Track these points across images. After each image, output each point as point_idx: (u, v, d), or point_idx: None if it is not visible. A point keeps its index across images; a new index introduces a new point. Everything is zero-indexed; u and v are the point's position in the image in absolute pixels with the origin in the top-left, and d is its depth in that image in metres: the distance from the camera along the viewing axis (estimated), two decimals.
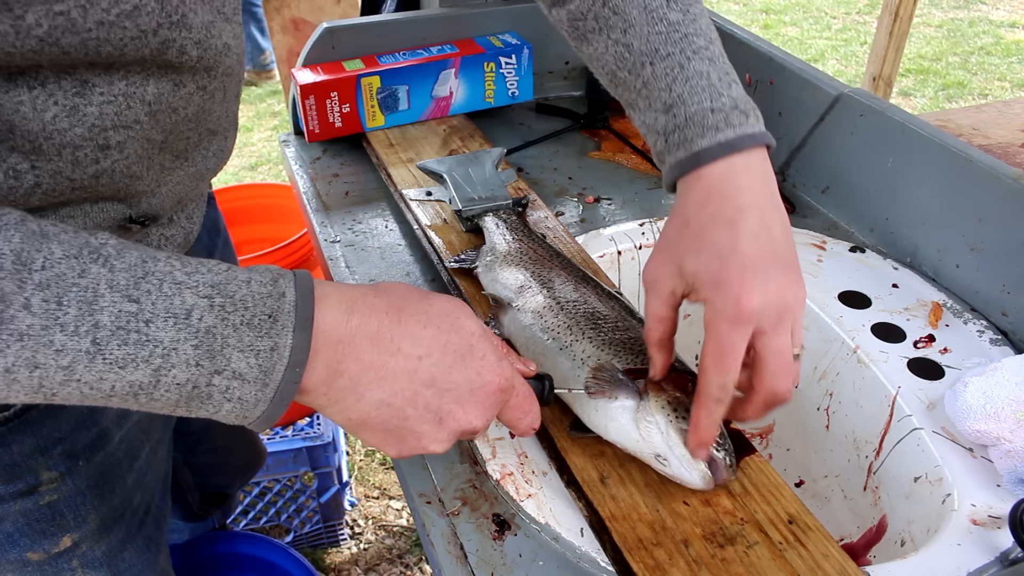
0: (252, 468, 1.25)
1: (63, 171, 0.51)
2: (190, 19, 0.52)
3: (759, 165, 0.56)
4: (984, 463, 0.64)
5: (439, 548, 0.58)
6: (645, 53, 0.59)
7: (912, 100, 3.56)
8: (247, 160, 3.13)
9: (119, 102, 0.51)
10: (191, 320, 0.42)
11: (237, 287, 0.44)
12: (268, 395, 0.44)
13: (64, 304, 0.39)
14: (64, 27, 0.44)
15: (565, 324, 0.66)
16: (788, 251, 0.55)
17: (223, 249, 0.93)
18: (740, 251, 0.53)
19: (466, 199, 0.87)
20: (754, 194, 0.55)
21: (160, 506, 0.81)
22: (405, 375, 0.48)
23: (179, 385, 0.42)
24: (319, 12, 2.25)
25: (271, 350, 0.44)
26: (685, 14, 0.59)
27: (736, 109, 0.57)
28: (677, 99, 0.58)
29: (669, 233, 0.58)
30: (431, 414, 0.50)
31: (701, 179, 0.56)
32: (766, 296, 0.53)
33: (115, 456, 0.71)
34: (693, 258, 0.55)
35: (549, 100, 1.23)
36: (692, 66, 0.58)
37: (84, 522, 0.69)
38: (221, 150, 0.67)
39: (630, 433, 0.58)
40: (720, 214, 0.55)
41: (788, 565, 0.54)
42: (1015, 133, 1.28)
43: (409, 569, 1.59)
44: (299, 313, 0.45)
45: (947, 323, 0.77)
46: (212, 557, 1.32)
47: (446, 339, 0.50)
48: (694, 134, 0.57)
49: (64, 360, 0.40)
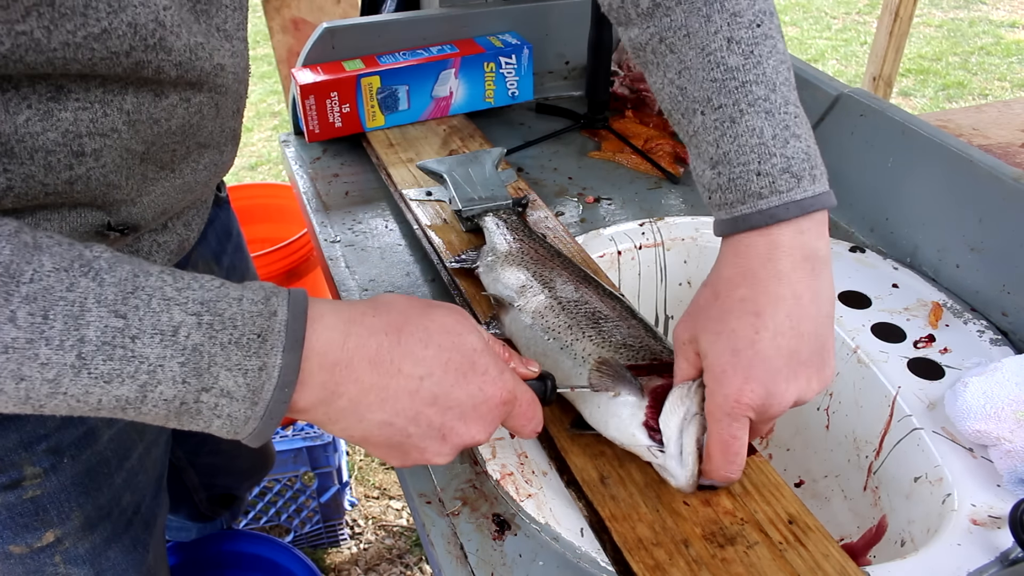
0: (260, 471, 1.25)
1: (35, 175, 0.50)
2: (170, 42, 0.51)
3: (808, 240, 0.53)
4: (984, 463, 0.64)
5: (439, 548, 0.58)
6: (697, 100, 0.56)
7: (912, 100, 3.56)
8: (247, 160, 3.13)
9: (95, 109, 0.50)
10: (178, 337, 0.42)
11: (227, 305, 0.44)
12: (258, 413, 0.44)
13: (50, 318, 0.40)
14: (27, 46, 0.44)
15: (566, 324, 0.66)
16: (814, 346, 0.53)
17: (233, 254, 0.92)
18: (755, 350, 0.52)
19: (466, 199, 0.87)
20: (792, 281, 0.53)
21: (151, 506, 0.80)
22: (407, 395, 0.48)
23: (166, 401, 0.42)
24: (319, 12, 2.25)
25: (259, 370, 0.44)
26: (747, 57, 0.54)
27: (787, 172, 0.53)
28: (723, 157, 0.55)
29: (699, 298, 0.57)
30: (434, 431, 0.50)
31: (741, 251, 0.54)
32: (767, 397, 0.53)
33: (103, 455, 0.71)
34: (710, 338, 0.54)
35: (549, 100, 1.23)
36: (744, 121, 0.54)
37: (68, 518, 0.69)
38: (215, 164, 0.66)
39: (629, 427, 0.58)
40: (749, 302, 0.53)
41: (788, 565, 0.54)
42: (1015, 133, 1.28)
43: (409, 569, 1.59)
44: (290, 333, 0.44)
45: (947, 323, 0.77)
46: (216, 556, 1.33)
47: (447, 357, 0.49)
48: (735, 198, 0.54)
49: (49, 373, 0.40)
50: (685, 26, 0.56)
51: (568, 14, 1.21)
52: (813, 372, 0.54)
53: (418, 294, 0.83)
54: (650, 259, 0.92)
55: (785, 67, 0.56)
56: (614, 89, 1.21)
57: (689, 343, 0.57)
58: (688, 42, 0.56)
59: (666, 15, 0.57)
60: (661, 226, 0.92)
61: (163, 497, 0.85)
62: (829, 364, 0.55)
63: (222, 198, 0.90)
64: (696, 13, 0.55)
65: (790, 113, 0.54)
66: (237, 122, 0.66)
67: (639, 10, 0.58)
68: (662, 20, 0.57)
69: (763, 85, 0.54)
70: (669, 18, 0.56)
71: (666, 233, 0.92)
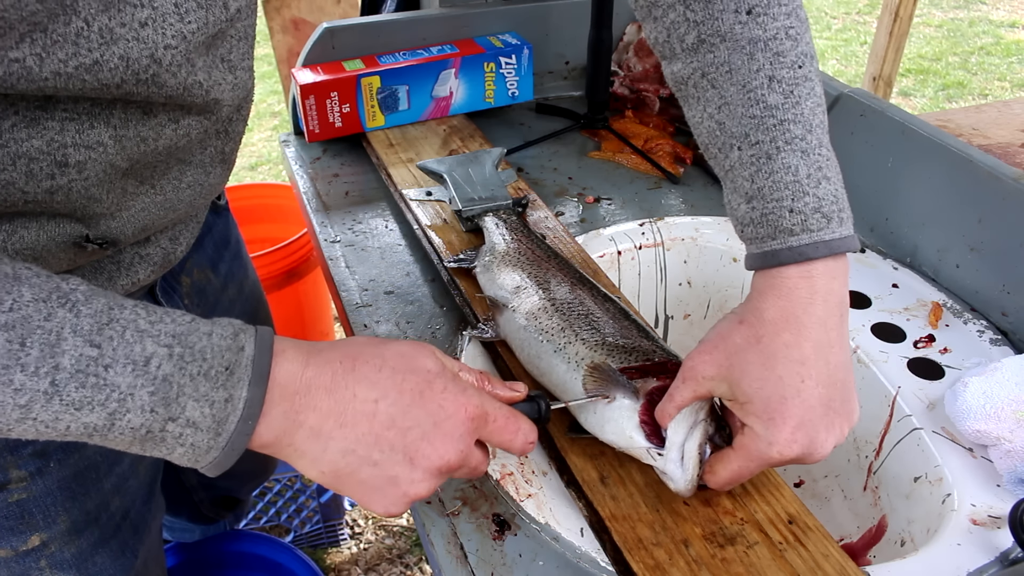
0: (261, 475, 1.25)
1: (16, 182, 0.50)
2: (163, 79, 0.50)
3: (838, 288, 0.54)
4: (984, 463, 0.64)
5: (439, 548, 0.58)
6: (735, 136, 0.56)
7: (912, 100, 3.56)
8: (247, 160, 3.13)
9: (82, 120, 0.50)
10: (149, 368, 0.43)
11: (198, 338, 0.45)
12: (220, 444, 0.46)
13: (27, 345, 0.41)
14: (19, 74, 0.44)
15: (559, 326, 0.66)
16: (844, 395, 0.54)
17: (231, 262, 0.91)
18: (802, 399, 0.53)
19: (466, 199, 0.87)
20: (827, 328, 0.53)
21: (141, 512, 0.80)
22: (364, 419, 0.49)
23: (133, 429, 0.44)
24: (319, 12, 2.25)
25: (225, 401, 0.45)
26: (787, 96, 0.55)
27: (818, 212, 0.54)
28: (757, 192, 0.55)
29: (735, 339, 0.55)
30: (399, 455, 0.50)
31: (783, 293, 0.54)
32: (802, 449, 0.53)
33: (92, 459, 0.70)
34: (755, 384, 0.54)
35: (549, 100, 1.23)
36: (780, 158, 0.54)
37: (54, 523, 0.69)
38: (200, 184, 0.65)
39: (626, 431, 0.58)
40: (795, 348, 0.53)
41: (788, 565, 0.54)
42: (1015, 133, 1.28)
43: (409, 569, 1.59)
44: (256, 368, 0.46)
45: (947, 323, 0.77)
46: (218, 556, 1.33)
47: (401, 378, 0.50)
48: (767, 233, 0.55)
49: (22, 399, 0.41)
50: (728, 62, 0.56)
51: (568, 14, 1.21)
52: (844, 420, 0.55)
53: (418, 294, 0.83)
54: (650, 259, 0.92)
55: (821, 110, 0.57)
56: (614, 89, 1.21)
57: (711, 380, 0.56)
58: (730, 78, 0.56)
59: (710, 51, 0.57)
60: (661, 226, 0.92)
61: (156, 502, 0.84)
62: (856, 409, 0.56)
63: (220, 205, 0.90)
64: (740, 51, 0.56)
65: (823, 155, 0.55)
66: (228, 145, 0.66)
67: (684, 45, 0.59)
68: (706, 56, 0.57)
69: (800, 125, 0.55)
70: (713, 54, 0.57)
71: (666, 233, 0.92)
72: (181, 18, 0.49)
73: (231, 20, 0.54)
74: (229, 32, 0.55)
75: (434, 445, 0.50)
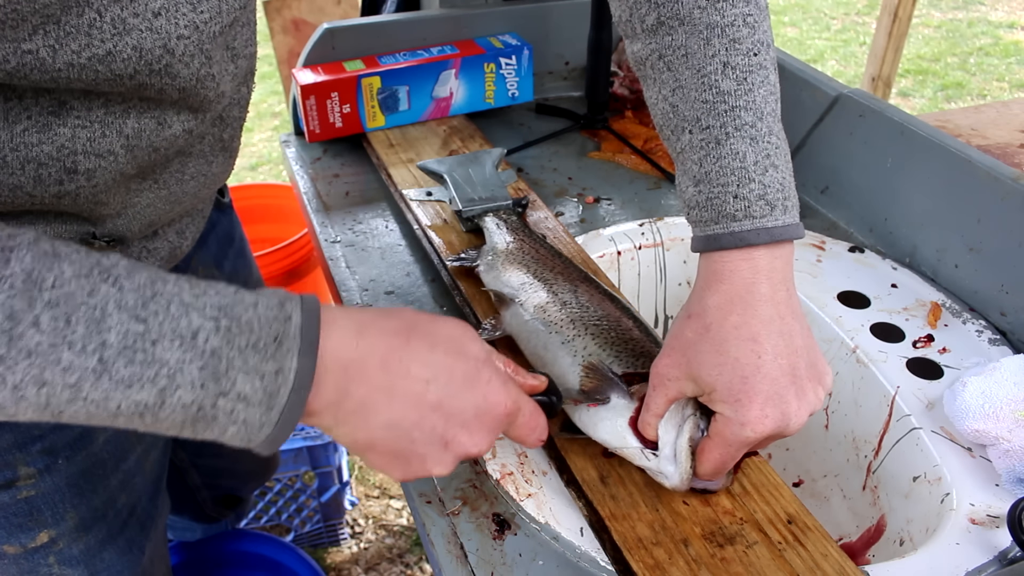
0: (264, 474, 1.25)
1: (24, 186, 0.50)
2: (176, 70, 0.50)
3: (781, 266, 0.55)
4: (983, 463, 0.64)
5: (439, 548, 0.58)
6: (687, 119, 0.57)
7: (911, 100, 3.56)
8: (247, 160, 3.13)
9: (94, 128, 0.50)
10: (197, 341, 0.42)
11: (244, 310, 0.44)
12: (273, 418, 0.44)
13: (72, 322, 0.39)
14: (32, 65, 0.44)
15: (568, 318, 0.66)
16: (808, 358, 0.54)
17: (235, 260, 0.92)
18: (762, 374, 0.53)
19: (466, 199, 0.87)
20: (776, 303, 0.54)
21: (148, 508, 0.80)
22: (413, 398, 0.48)
23: (184, 406, 0.42)
24: (319, 13, 2.25)
25: (276, 373, 0.44)
26: (740, 83, 0.55)
27: (763, 199, 0.54)
28: (704, 176, 0.56)
29: (687, 334, 0.56)
30: (436, 438, 0.50)
31: (724, 276, 0.55)
32: (775, 423, 0.53)
33: (99, 456, 0.71)
34: (713, 371, 0.54)
35: (549, 100, 1.23)
36: (729, 144, 0.55)
37: (62, 519, 0.69)
38: (203, 175, 0.65)
39: (618, 430, 0.58)
40: (744, 327, 0.53)
41: (787, 565, 0.54)
42: (1014, 133, 1.29)
43: (409, 569, 1.59)
44: (304, 337, 0.44)
45: (946, 323, 0.78)
46: (220, 555, 1.33)
47: (452, 363, 0.50)
48: (710, 217, 0.55)
49: (71, 378, 0.40)
50: (685, 46, 0.57)
51: (568, 15, 1.21)
52: (815, 383, 0.55)
53: (418, 294, 0.83)
54: (650, 259, 0.92)
55: (774, 99, 0.57)
56: (614, 90, 1.21)
57: (677, 380, 0.56)
58: (686, 62, 0.57)
59: (668, 34, 0.57)
60: (661, 226, 0.92)
61: (162, 499, 0.85)
62: (826, 371, 0.56)
63: (224, 203, 0.90)
64: (697, 35, 0.56)
65: (772, 143, 0.56)
66: (228, 134, 0.66)
67: (644, 26, 0.59)
68: (664, 38, 0.58)
69: (751, 112, 0.55)
70: (671, 37, 0.57)
71: (665, 233, 0.92)
72: (194, 7, 0.49)
73: (243, 7, 0.54)
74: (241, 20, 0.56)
75: (471, 435, 0.50)
